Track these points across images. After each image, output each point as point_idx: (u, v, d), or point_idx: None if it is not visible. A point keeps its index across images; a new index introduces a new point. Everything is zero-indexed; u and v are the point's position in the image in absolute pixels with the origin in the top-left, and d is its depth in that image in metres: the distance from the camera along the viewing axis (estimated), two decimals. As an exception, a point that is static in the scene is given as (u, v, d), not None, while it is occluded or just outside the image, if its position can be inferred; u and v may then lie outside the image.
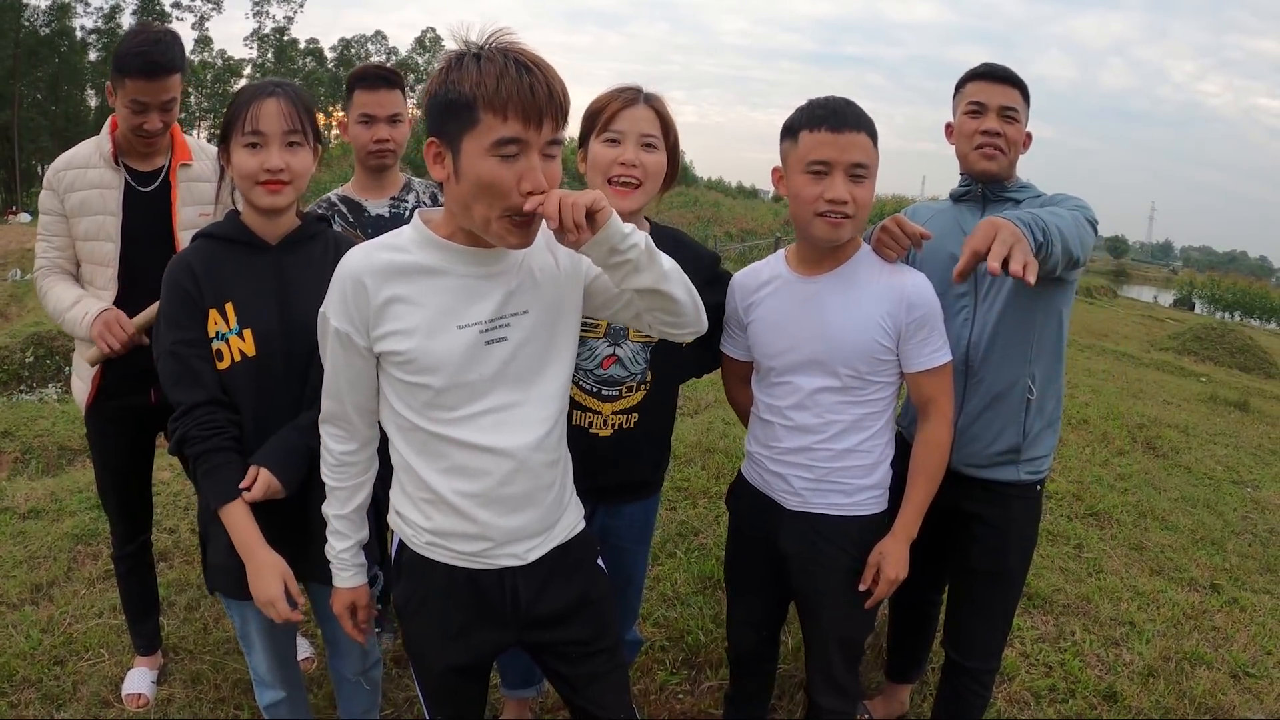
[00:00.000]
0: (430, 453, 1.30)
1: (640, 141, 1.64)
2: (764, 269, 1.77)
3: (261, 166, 1.48)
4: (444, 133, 1.18)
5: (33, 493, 3.54)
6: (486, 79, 1.12)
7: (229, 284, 1.52)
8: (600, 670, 1.44)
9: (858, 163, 1.55)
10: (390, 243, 1.28)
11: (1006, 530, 1.87)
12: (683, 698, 2.42)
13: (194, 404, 1.48)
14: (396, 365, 1.27)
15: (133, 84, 1.90)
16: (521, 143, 1.14)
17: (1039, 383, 1.83)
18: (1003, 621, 1.97)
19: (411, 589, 1.40)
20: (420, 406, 1.28)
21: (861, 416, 1.65)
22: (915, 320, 1.61)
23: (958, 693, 1.98)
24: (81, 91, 44.04)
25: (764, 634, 1.93)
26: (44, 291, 2.06)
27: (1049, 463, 1.92)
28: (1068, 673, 2.66)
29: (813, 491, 1.69)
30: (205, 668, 2.41)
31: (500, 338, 1.27)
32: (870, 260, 1.67)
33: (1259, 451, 6.07)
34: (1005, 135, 1.82)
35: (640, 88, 1.68)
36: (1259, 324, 26.20)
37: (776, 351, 1.69)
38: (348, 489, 1.43)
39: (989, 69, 1.85)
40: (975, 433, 1.84)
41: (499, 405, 1.28)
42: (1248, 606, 3.29)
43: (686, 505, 3.55)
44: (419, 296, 1.25)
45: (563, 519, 1.41)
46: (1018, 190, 1.87)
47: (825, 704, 1.77)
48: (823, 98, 1.61)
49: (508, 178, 1.14)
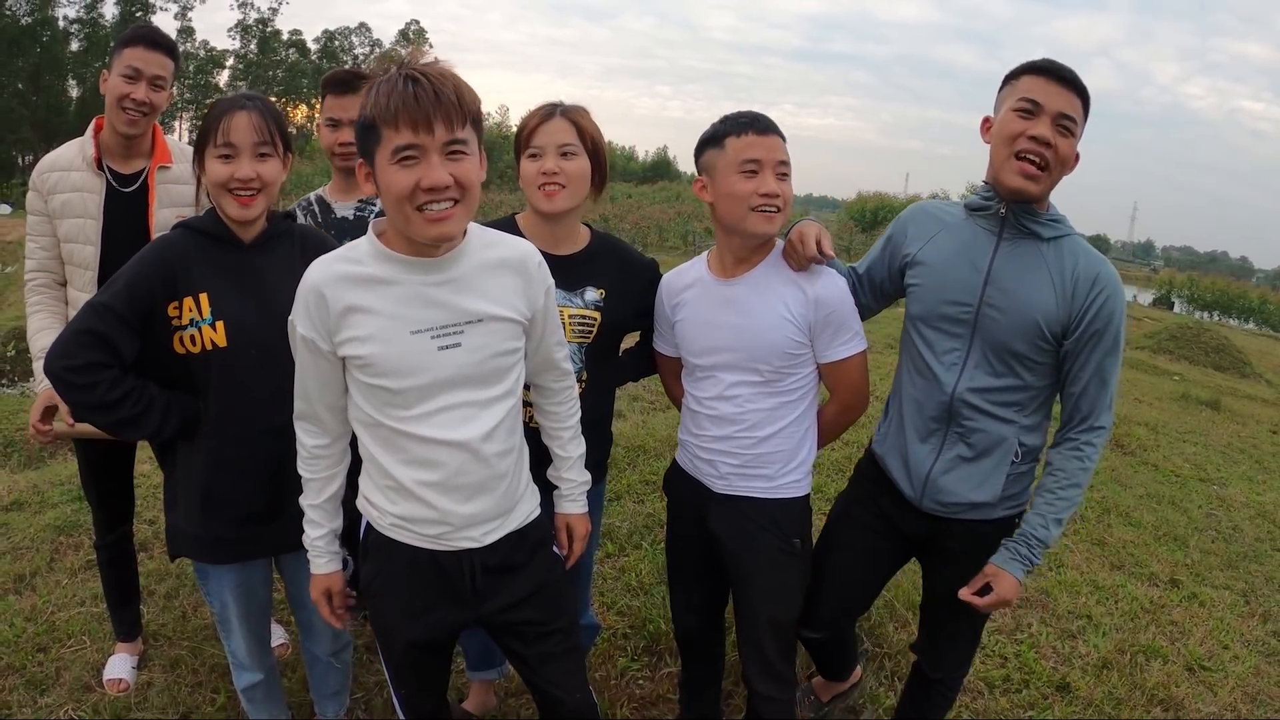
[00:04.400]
0: (391, 446, 1.40)
1: (558, 151, 1.75)
2: (688, 271, 1.87)
3: (233, 175, 1.57)
4: (365, 153, 1.31)
5: (15, 485, 3.59)
6: (380, 98, 1.24)
7: (204, 275, 1.60)
8: (555, 650, 1.54)
9: (782, 160, 1.67)
10: (348, 255, 1.38)
11: (982, 560, 1.73)
12: (643, 683, 2.50)
13: (102, 364, 1.52)
14: (357, 368, 1.38)
15: (130, 51, 2.02)
16: (417, 147, 1.24)
17: (1030, 437, 1.70)
18: (974, 639, 1.98)
19: (377, 568, 1.50)
20: (380, 405, 1.38)
21: (779, 405, 1.76)
22: (823, 318, 1.71)
23: (928, 698, 2.01)
24: (63, 82, 43.36)
25: (704, 617, 2.03)
26: (28, 310, 2.15)
27: (1029, 493, 1.76)
28: (1022, 664, 2.74)
29: (738, 476, 1.79)
30: (184, 653, 2.48)
31: (454, 343, 1.36)
32: (781, 263, 1.76)
33: (1228, 450, 6.19)
34: (1056, 149, 1.55)
35: (559, 104, 1.79)
36: (1237, 323, 26.53)
37: (700, 350, 1.81)
38: (321, 480, 1.53)
39: (1053, 65, 1.56)
40: (947, 484, 1.71)
41: (452, 404, 1.38)
42: (1207, 602, 3.39)
43: (654, 498, 3.62)
44: (374, 305, 1.34)
45: (519, 506, 1.51)
46: (1047, 224, 1.62)
47: (761, 690, 1.85)
48: (736, 112, 1.72)
49: (408, 180, 1.25)
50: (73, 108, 43.95)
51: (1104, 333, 1.60)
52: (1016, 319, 1.62)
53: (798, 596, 1.87)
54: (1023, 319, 1.61)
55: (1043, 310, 1.60)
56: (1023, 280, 1.62)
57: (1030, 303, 1.61)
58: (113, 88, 2.03)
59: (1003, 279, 1.63)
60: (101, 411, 1.56)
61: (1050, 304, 1.60)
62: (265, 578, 1.81)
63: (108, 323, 1.52)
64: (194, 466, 1.66)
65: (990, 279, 1.64)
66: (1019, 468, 1.71)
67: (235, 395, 1.62)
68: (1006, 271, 1.63)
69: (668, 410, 5.13)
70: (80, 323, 1.54)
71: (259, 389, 1.62)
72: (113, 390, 1.53)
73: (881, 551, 1.91)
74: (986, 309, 1.64)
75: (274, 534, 1.70)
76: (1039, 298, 1.60)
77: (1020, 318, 1.61)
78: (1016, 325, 1.62)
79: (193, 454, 1.66)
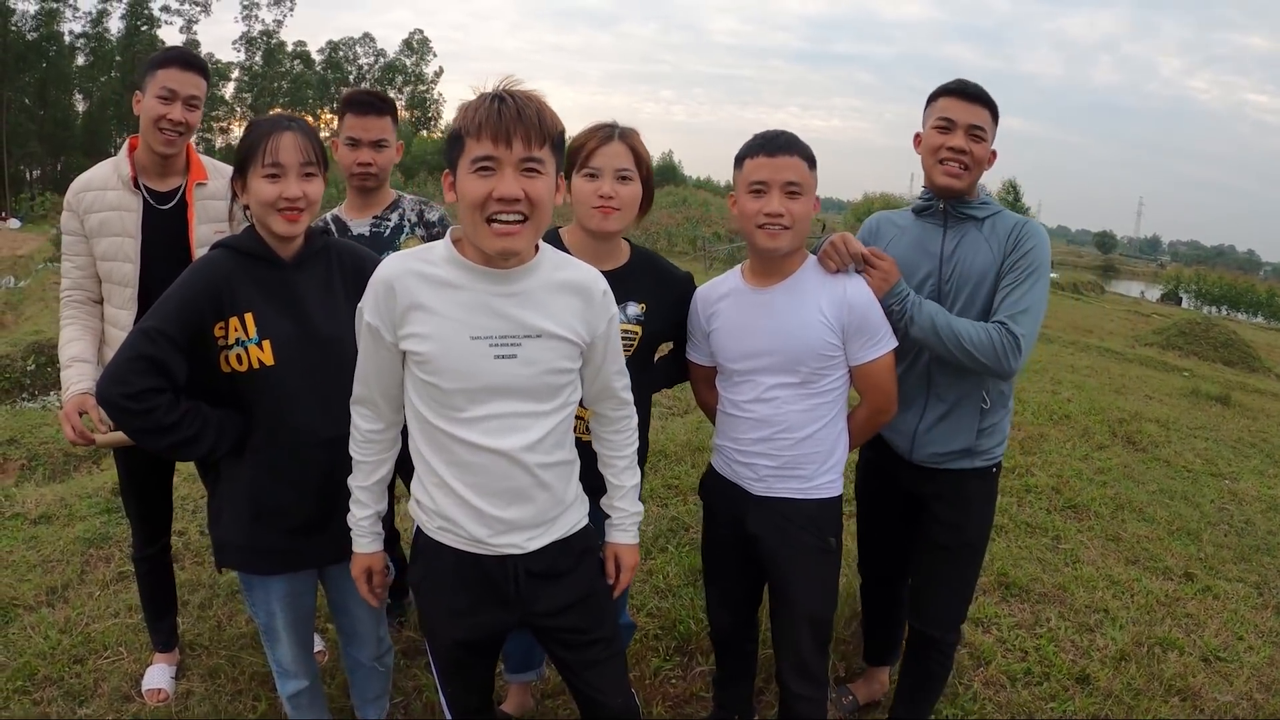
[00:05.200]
0: (438, 445, 1.46)
1: (616, 175, 1.81)
2: (722, 283, 1.95)
3: (281, 195, 1.61)
4: (449, 162, 1.40)
5: (42, 498, 3.63)
6: (468, 112, 1.34)
7: (248, 295, 1.64)
8: (599, 657, 1.58)
9: (791, 181, 1.75)
10: (423, 255, 1.44)
11: (965, 508, 2.04)
12: (675, 682, 2.55)
13: (157, 388, 1.55)
14: (416, 364, 1.43)
15: (164, 73, 2.06)
16: (494, 159, 1.31)
17: (992, 394, 1.99)
18: (965, 591, 2.13)
19: (424, 570, 1.55)
20: (431, 403, 1.44)
21: (815, 406, 1.83)
22: (856, 321, 1.80)
23: (922, 663, 2.15)
24: (69, 96, 43.80)
25: (739, 614, 2.08)
26: (61, 323, 2.19)
27: (1003, 447, 2.08)
28: (1042, 657, 2.79)
29: (776, 477, 1.86)
30: (222, 662, 2.51)
31: (510, 354, 1.41)
32: (815, 271, 1.86)
33: (1238, 445, 6.19)
34: (971, 153, 1.91)
35: (615, 124, 1.85)
36: (1245, 318, 26.42)
37: (737, 355, 1.88)
38: (371, 463, 1.59)
39: (961, 86, 1.94)
40: (932, 437, 2.01)
41: (500, 412, 1.43)
42: (1221, 594, 3.42)
43: (677, 502, 3.67)
44: (439, 306, 1.40)
45: (564, 515, 1.54)
46: (979, 206, 1.97)
47: (795, 689, 1.91)
48: (763, 131, 1.83)
49: (482, 189, 1.32)
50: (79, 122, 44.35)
51: (1024, 257, 1.90)
52: (972, 285, 1.94)
53: (834, 593, 1.94)
54: (976, 283, 1.93)
55: (989, 269, 1.93)
56: (970, 254, 1.95)
57: (979, 270, 1.93)
58: (148, 109, 2.07)
59: (954, 258, 1.96)
60: (160, 435, 1.59)
61: (992, 262, 1.93)
62: (311, 587, 1.86)
63: (160, 347, 1.55)
64: (241, 480, 1.69)
65: (944, 260, 1.97)
66: (988, 419, 1.99)
67: (284, 411, 1.66)
68: (956, 252, 1.96)
69: (686, 415, 5.19)
70: (132, 349, 1.56)
71: (306, 403, 1.67)
72: (170, 413, 1.57)
73: (893, 511, 2.20)
74: (945, 285, 1.97)
75: (322, 545, 1.74)
76: (983, 262, 1.93)
77: (974, 283, 1.93)
78: (973, 290, 1.94)
79: (240, 468, 1.69)
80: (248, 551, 1.73)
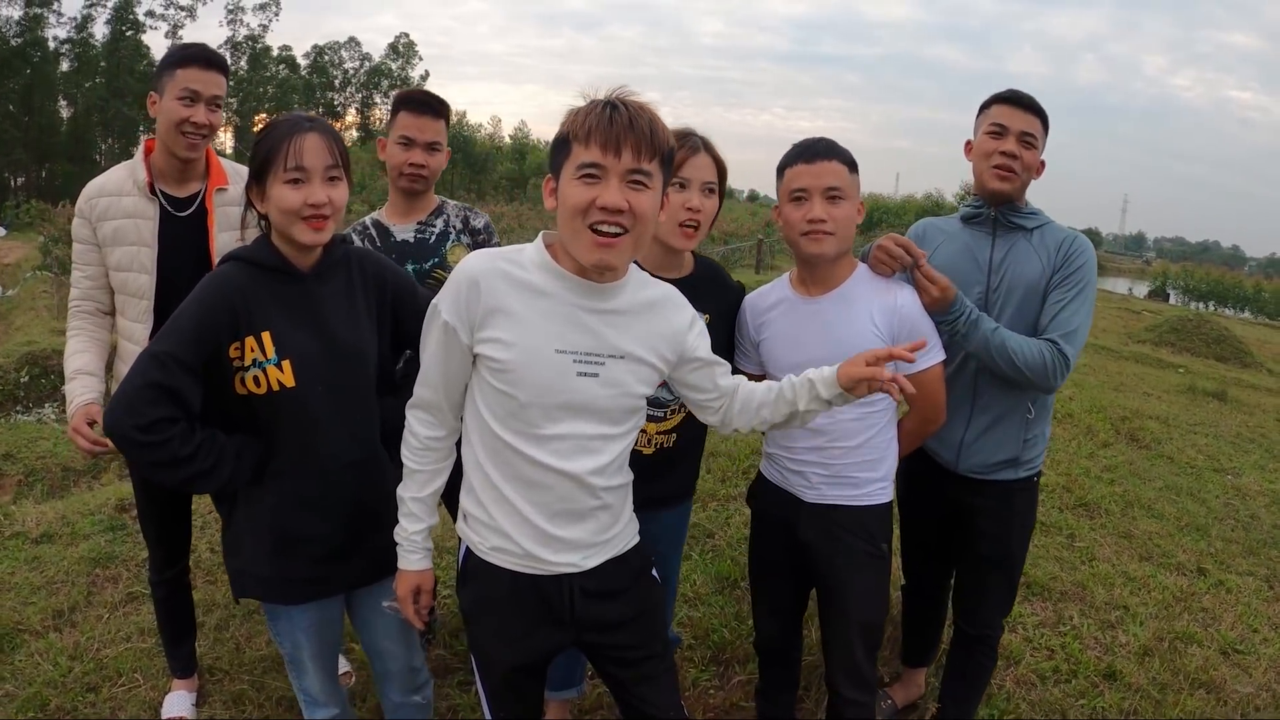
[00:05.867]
0: (501, 459, 1.39)
1: (703, 188, 1.78)
2: (771, 292, 1.94)
3: (305, 201, 1.48)
4: (553, 166, 1.34)
5: (43, 516, 3.47)
6: (579, 117, 1.29)
7: (265, 312, 1.51)
8: (652, 673, 1.54)
9: (831, 186, 1.74)
10: (512, 256, 1.38)
11: (1010, 521, 2.06)
12: (714, 693, 2.52)
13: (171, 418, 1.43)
14: (490, 370, 1.36)
15: (184, 73, 1.95)
16: (600, 167, 1.26)
17: (1037, 405, 2.00)
18: (1009, 595, 2.18)
19: (477, 593, 1.49)
20: (503, 415, 1.37)
21: (866, 415, 1.82)
22: (907, 330, 1.78)
23: (971, 658, 2.19)
24: (54, 103, 43.37)
25: (788, 621, 2.07)
26: (68, 334, 2.09)
27: (1043, 456, 2.10)
28: (1069, 655, 2.80)
29: (828, 485, 1.85)
30: (245, 687, 2.41)
31: (592, 372, 1.36)
32: (865, 280, 1.84)
33: (1238, 440, 6.26)
34: (1022, 159, 1.91)
35: (695, 134, 1.80)
36: (1233, 313, 26.67)
37: (789, 364, 1.83)
38: (428, 473, 1.51)
39: (1015, 95, 1.95)
40: (978, 447, 2.01)
41: (573, 433, 1.37)
42: (1233, 588, 3.46)
43: (697, 508, 3.65)
44: (525, 313, 1.34)
45: (621, 533, 1.51)
46: (1028, 216, 1.98)
47: (847, 694, 1.89)
48: (802, 139, 1.82)
49: (586, 196, 1.27)
50: (64, 128, 43.91)
51: (1075, 273, 1.91)
52: (1020, 295, 1.94)
53: (886, 599, 1.94)
54: (1024, 294, 1.94)
55: (1038, 280, 1.93)
56: (1019, 264, 1.95)
57: (1028, 280, 1.93)
58: (168, 111, 1.94)
59: (1002, 267, 1.96)
60: (175, 468, 1.46)
61: (1041, 274, 1.93)
62: (338, 614, 1.74)
63: (172, 373, 1.42)
64: (262, 508, 1.57)
65: (993, 269, 1.97)
66: (1033, 429, 2.00)
67: (307, 435, 1.55)
68: (1005, 261, 1.96)
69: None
70: (142, 376, 1.42)
71: (331, 425, 1.56)
72: (185, 444, 1.45)
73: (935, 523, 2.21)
74: (992, 294, 1.97)
75: (349, 570, 1.65)
76: (1032, 273, 1.93)
77: (1022, 294, 1.94)
78: (1020, 300, 1.94)
79: (260, 495, 1.57)
80: (271, 582, 1.61)
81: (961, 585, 2.20)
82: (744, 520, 3.47)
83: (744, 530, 3.35)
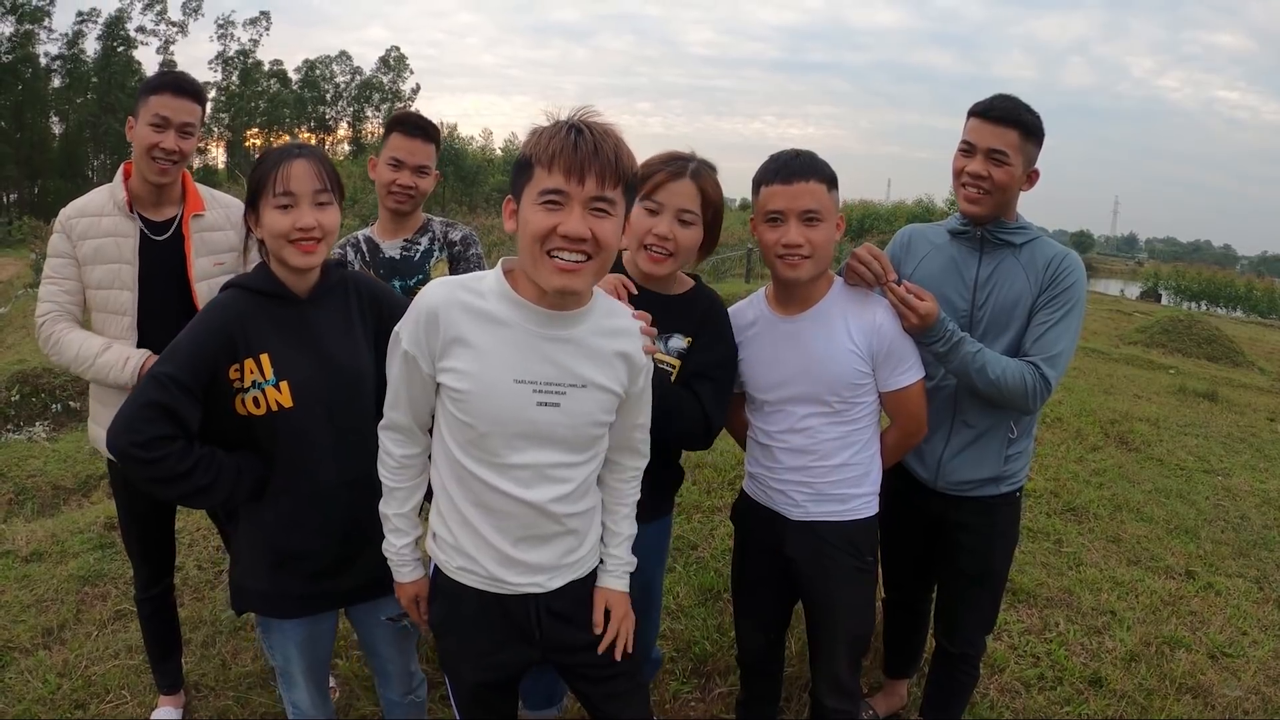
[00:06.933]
0: (464, 485, 1.41)
1: (677, 216, 1.70)
2: (748, 310, 1.92)
3: (294, 225, 1.53)
4: (514, 189, 1.33)
5: (33, 535, 3.50)
6: (541, 140, 1.27)
7: (264, 336, 1.57)
8: (620, 690, 1.55)
9: (808, 209, 1.69)
10: (472, 285, 1.37)
11: (991, 536, 2.04)
12: (695, 705, 2.52)
13: (169, 436, 1.48)
14: (451, 399, 1.37)
15: (156, 99, 1.98)
16: (563, 194, 1.25)
17: (1020, 423, 1.96)
18: (991, 611, 2.15)
19: (445, 611, 1.51)
20: (464, 442, 1.38)
21: (848, 433, 1.81)
22: (885, 347, 1.77)
23: (952, 676, 2.17)
24: (45, 119, 43.29)
25: (771, 636, 2.07)
26: (57, 339, 2.02)
27: (1026, 470, 2.06)
28: (1054, 661, 2.80)
29: (813, 503, 1.84)
30: (230, 703, 2.44)
31: (553, 402, 1.35)
32: (842, 297, 1.81)
33: (1228, 440, 6.27)
34: (992, 178, 1.82)
35: (690, 158, 1.74)
36: (1225, 312, 26.77)
37: (768, 386, 1.84)
38: (406, 489, 1.53)
39: (987, 108, 1.84)
40: (956, 464, 1.98)
41: (535, 461, 1.37)
42: (1223, 591, 3.46)
43: (681, 520, 3.65)
44: (484, 343, 1.34)
45: (587, 556, 1.51)
46: (1016, 231, 1.90)
47: (831, 705, 1.90)
48: (779, 152, 1.75)
49: (547, 223, 1.25)
50: (56, 144, 43.84)
51: (1062, 294, 1.86)
52: (1005, 314, 1.89)
53: (873, 611, 1.94)
54: (1009, 312, 1.89)
55: (1024, 298, 1.88)
56: (1005, 282, 1.89)
57: (1013, 299, 1.88)
58: (141, 137, 1.98)
59: (988, 285, 1.90)
60: (172, 484, 1.51)
61: (1027, 292, 1.87)
62: (330, 629, 1.79)
63: (170, 394, 1.48)
64: (262, 524, 1.63)
65: (978, 286, 1.91)
66: (1015, 446, 1.97)
67: (304, 455, 1.59)
68: (991, 279, 1.91)
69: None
70: (143, 395, 1.49)
71: (327, 445, 1.61)
72: (182, 461, 1.50)
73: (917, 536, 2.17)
74: (977, 312, 1.91)
75: (344, 586, 1.69)
76: (1018, 291, 1.88)
77: (1007, 312, 1.89)
78: (1005, 319, 1.89)
79: (260, 513, 1.63)
80: (267, 596, 1.66)
81: (943, 602, 2.17)
82: (728, 532, 3.46)
83: (728, 542, 3.34)
